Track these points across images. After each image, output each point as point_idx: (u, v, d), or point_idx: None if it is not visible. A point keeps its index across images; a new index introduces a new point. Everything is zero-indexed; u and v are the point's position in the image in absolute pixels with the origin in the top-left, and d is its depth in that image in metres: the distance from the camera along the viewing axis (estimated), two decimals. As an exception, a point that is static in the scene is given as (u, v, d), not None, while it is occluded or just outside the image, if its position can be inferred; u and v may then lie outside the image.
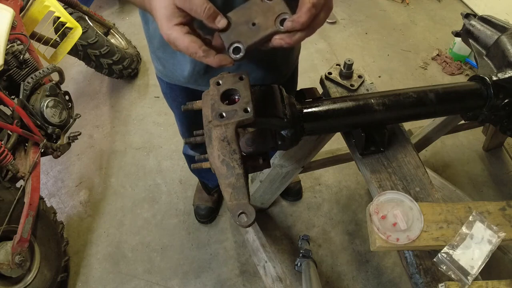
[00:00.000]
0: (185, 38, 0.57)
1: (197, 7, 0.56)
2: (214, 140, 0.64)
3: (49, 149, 1.59)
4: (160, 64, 1.05)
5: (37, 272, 1.48)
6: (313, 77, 2.55)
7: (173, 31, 0.57)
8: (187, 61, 0.96)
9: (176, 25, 0.57)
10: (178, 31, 0.57)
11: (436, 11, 3.17)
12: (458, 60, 2.67)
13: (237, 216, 0.59)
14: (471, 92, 0.86)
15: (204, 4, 0.55)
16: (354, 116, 0.83)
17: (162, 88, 1.18)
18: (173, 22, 0.57)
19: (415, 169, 0.87)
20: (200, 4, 0.55)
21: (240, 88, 0.67)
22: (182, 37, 0.57)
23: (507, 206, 0.77)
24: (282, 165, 1.23)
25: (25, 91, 1.50)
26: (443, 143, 2.20)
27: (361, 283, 1.69)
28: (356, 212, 1.91)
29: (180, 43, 0.58)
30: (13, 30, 1.58)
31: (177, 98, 1.15)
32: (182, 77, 1.02)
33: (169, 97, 1.19)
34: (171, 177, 2.07)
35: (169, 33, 0.58)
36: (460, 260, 0.70)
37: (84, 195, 2.02)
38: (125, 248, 1.82)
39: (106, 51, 2.21)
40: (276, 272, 1.38)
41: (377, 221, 0.72)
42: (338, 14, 3.13)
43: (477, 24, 1.11)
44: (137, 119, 2.36)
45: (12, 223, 1.38)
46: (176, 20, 0.57)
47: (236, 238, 1.83)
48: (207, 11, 0.56)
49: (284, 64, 1.08)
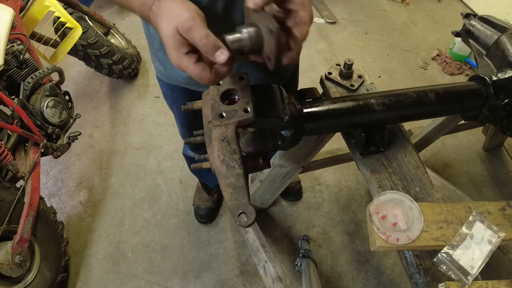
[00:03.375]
0: (196, 68, 0.58)
1: (197, 41, 0.56)
2: (214, 140, 0.64)
3: (49, 149, 1.59)
4: (160, 65, 1.04)
5: (37, 272, 1.47)
6: (313, 77, 2.55)
7: (183, 60, 0.57)
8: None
9: (185, 54, 0.57)
10: (188, 60, 0.57)
11: (436, 11, 3.17)
12: (458, 60, 2.67)
13: (237, 216, 0.59)
14: (471, 92, 0.86)
15: (203, 39, 0.55)
16: (354, 116, 0.83)
17: (162, 90, 1.18)
18: (182, 52, 0.57)
19: (415, 169, 0.87)
20: (199, 39, 0.55)
21: (240, 88, 0.67)
22: (193, 67, 0.57)
23: (507, 206, 0.77)
24: (282, 165, 1.23)
25: (25, 91, 1.50)
26: (443, 143, 2.20)
27: (361, 283, 1.69)
28: (356, 212, 1.91)
29: (191, 72, 0.58)
30: (13, 30, 1.58)
31: (178, 99, 1.15)
32: (182, 78, 1.01)
33: (170, 98, 1.19)
34: (171, 177, 2.07)
35: (179, 62, 0.58)
36: (460, 260, 0.70)
37: (84, 195, 2.01)
38: (125, 248, 1.82)
39: (106, 51, 2.21)
40: (276, 272, 1.38)
41: (377, 221, 0.72)
42: (338, 14, 3.13)
43: (477, 24, 1.11)
44: (137, 119, 2.36)
45: (12, 223, 1.38)
46: (184, 50, 0.57)
47: (236, 238, 1.83)
48: (205, 46, 0.55)
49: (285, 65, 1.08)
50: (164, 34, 0.57)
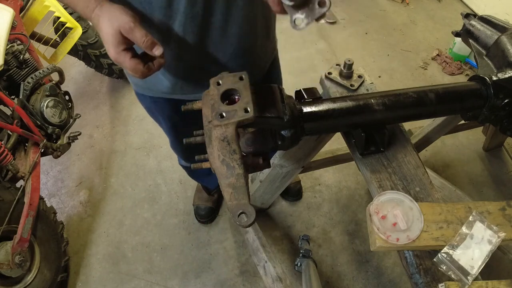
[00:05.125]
0: (131, 62, 0.70)
1: (138, 40, 0.69)
2: (214, 140, 0.64)
3: (49, 149, 1.59)
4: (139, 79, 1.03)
5: (37, 272, 1.47)
6: (313, 77, 2.55)
7: (120, 56, 0.70)
8: (165, 73, 0.97)
9: (123, 50, 0.70)
10: (125, 55, 0.70)
11: (436, 11, 3.16)
12: (458, 60, 2.67)
13: (237, 216, 0.59)
14: (471, 92, 0.87)
15: (143, 37, 0.69)
16: (354, 116, 0.83)
17: (145, 104, 1.17)
18: (120, 48, 0.69)
19: (415, 169, 0.87)
20: (140, 37, 0.68)
21: (240, 88, 0.67)
22: (129, 61, 0.70)
23: (507, 206, 0.77)
24: (282, 165, 1.23)
25: (25, 91, 1.50)
26: (443, 143, 2.20)
27: (361, 283, 1.69)
28: (356, 212, 1.91)
29: (127, 65, 0.70)
30: (13, 30, 1.59)
31: (164, 111, 1.14)
32: (166, 87, 1.01)
33: (155, 111, 1.17)
34: (171, 177, 2.07)
35: (117, 57, 0.70)
36: (460, 260, 0.70)
37: (84, 195, 2.01)
38: (125, 248, 1.82)
39: (106, 51, 2.21)
40: (276, 272, 1.38)
41: (377, 221, 0.72)
42: (338, 14, 3.13)
43: (477, 24, 1.11)
44: (137, 119, 2.36)
45: (12, 223, 1.38)
46: (122, 47, 0.70)
47: (236, 238, 1.83)
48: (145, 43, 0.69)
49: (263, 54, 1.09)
50: (105, 33, 0.69)
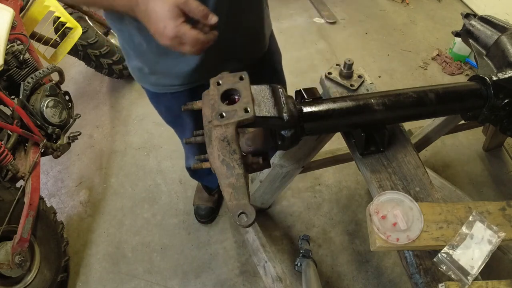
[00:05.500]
0: (192, 32, 0.70)
1: (195, 9, 0.70)
2: (214, 140, 0.64)
3: (49, 149, 1.59)
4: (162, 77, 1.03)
5: (37, 272, 1.47)
6: (313, 77, 2.55)
7: (181, 28, 0.69)
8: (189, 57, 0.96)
9: (183, 23, 0.70)
10: (185, 27, 0.70)
11: (436, 11, 3.17)
12: (458, 60, 2.67)
13: (237, 216, 0.59)
14: (471, 92, 0.86)
15: (199, 6, 0.71)
16: (354, 116, 0.83)
17: (165, 105, 1.15)
18: (179, 21, 0.69)
19: (415, 169, 0.87)
20: (196, 6, 0.70)
21: (240, 88, 0.67)
22: (190, 31, 0.70)
23: (507, 206, 0.77)
24: (282, 165, 1.23)
25: (25, 91, 1.50)
26: (443, 143, 2.20)
27: (361, 283, 1.69)
28: (356, 212, 1.91)
29: (188, 36, 0.70)
30: (13, 30, 1.59)
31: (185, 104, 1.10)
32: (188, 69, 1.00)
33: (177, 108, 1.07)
34: (171, 177, 2.07)
35: (177, 30, 0.69)
36: (460, 260, 0.70)
37: (84, 195, 2.01)
38: (125, 248, 1.82)
39: (106, 51, 2.21)
40: (276, 272, 1.38)
41: (377, 221, 0.72)
42: (338, 14, 3.13)
43: (477, 24, 1.11)
44: (137, 119, 2.36)
45: (12, 223, 1.38)
46: (181, 19, 0.70)
47: (236, 238, 1.83)
48: (202, 11, 0.70)
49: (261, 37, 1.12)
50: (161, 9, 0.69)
